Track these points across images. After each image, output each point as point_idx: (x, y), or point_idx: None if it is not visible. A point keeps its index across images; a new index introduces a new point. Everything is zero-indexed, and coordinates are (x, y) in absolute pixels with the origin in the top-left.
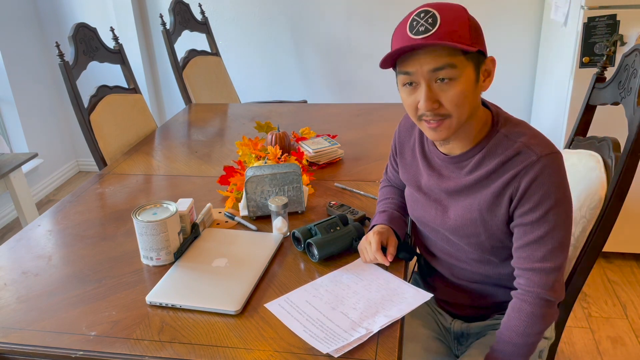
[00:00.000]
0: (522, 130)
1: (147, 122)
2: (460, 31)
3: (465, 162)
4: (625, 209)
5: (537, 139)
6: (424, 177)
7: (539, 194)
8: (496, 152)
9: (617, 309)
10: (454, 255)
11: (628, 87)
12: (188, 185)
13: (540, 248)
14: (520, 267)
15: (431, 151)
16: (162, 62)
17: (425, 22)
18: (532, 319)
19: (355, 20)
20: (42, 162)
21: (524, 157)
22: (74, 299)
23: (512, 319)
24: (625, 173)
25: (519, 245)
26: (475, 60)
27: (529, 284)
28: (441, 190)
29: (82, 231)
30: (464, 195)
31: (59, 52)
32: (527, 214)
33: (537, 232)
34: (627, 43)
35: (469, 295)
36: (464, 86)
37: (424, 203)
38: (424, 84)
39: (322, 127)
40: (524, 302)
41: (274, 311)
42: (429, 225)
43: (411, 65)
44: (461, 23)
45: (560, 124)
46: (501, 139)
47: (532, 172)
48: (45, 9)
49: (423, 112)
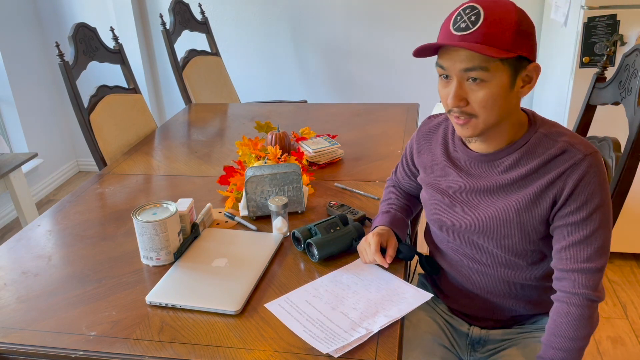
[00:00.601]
0: (561, 130)
1: (147, 122)
2: (501, 34)
3: (499, 161)
4: (626, 209)
5: (578, 138)
6: (450, 178)
7: (585, 193)
8: (536, 152)
9: (617, 309)
10: (478, 259)
11: (628, 87)
12: (188, 185)
13: (586, 248)
14: (564, 269)
15: (458, 150)
16: (162, 62)
17: (468, 19)
18: (581, 322)
19: (355, 20)
20: (42, 162)
21: (570, 155)
22: (74, 299)
23: (560, 325)
24: (626, 173)
25: (563, 246)
26: (513, 65)
27: (574, 286)
28: (471, 190)
29: (82, 231)
30: (498, 195)
31: (59, 52)
32: (573, 214)
33: (583, 231)
34: (627, 43)
35: (487, 307)
36: (494, 90)
37: (448, 206)
38: (455, 80)
39: (322, 127)
40: (571, 306)
41: (274, 311)
42: (454, 229)
43: (446, 59)
44: (505, 26)
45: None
46: (541, 138)
47: (579, 171)
48: (45, 9)
49: (451, 107)
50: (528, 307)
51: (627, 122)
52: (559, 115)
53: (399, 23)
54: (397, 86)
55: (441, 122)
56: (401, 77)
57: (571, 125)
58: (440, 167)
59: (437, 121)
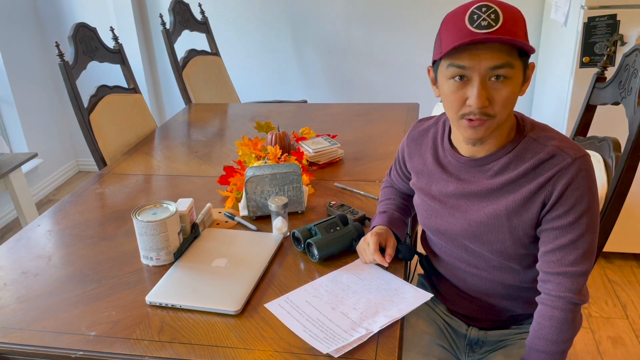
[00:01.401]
0: (550, 134)
1: (147, 122)
2: (520, 32)
3: (489, 166)
4: (626, 209)
5: (567, 141)
6: (440, 183)
7: (573, 198)
8: (525, 156)
9: (617, 309)
10: (473, 263)
11: (628, 87)
12: (188, 185)
13: (572, 252)
14: (549, 272)
15: (447, 155)
16: (162, 62)
17: (487, 16)
18: (564, 325)
19: (355, 20)
20: (42, 162)
21: (559, 159)
22: (74, 299)
23: (543, 328)
24: (626, 173)
25: (549, 249)
26: (525, 63)
27: (559, 289)
28: (461, 195)
29: (82, 231)
30: (488, 199)
31: (59, 52)
32: (560, 218)
33: (570, 235)
34: (627, 43)
35: (485, 309)
36: (514, 87)
37: (440, 211)
38: (477, 80)
39: (322, 127)
40: (554, 309)
41: (274, 311)
42: (446, 234)
43: (468, 59)
44: (520, 23)
45: (561, 124)
46: (530, 143)
47: (568, 175)
48: (45, 9)
49: (472, 109)
50: (525, 307)
51: (627, 122)
52: (559, 115)
53: (399, 23)
54: (397, 86)
55: (431, 125)
56: (401, 77)
57: (571, 125)
58: (431, 171)
59: (427, 125)
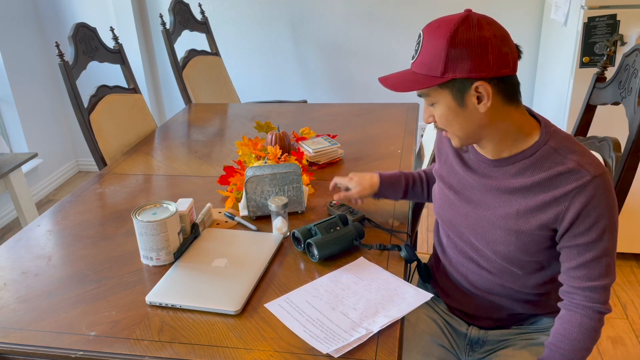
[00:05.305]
0: (572, 147)
1: (147, 122)
2: (431, 62)
3: (506, 168)
4: (626, 209)
5: (588, 156)
6: (459, 174)
7: (594, 215)
8: (543, 165)
9: (617, 309)
10: (476, 260)
11: (628, 87)
12: (188, 185)
13: (597, 267)
14: (576, 286)
15: (470, 151)
16: (162, 62)
17: (416, 46)
18: (591, 333)
19: (355, 20)
20: (41, 162)
21: (578, 176)
22: (74, 299)
23: (571, 333)
24: (626, 173)
25: (573, 265)
26: (451, 88)
27: (589, 300)
28: (476, 187)
29: (82, 231)
30: (501, 198)
31: (59, 52)
32: (582, 235)
33: (593, 252)
34: (627, 43)
35: (485, 306)
36: (443, 110)
37: (453, 202)
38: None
39: (322, 127)
40: (584, 317)
41: (274, 311)
42: (455, 226)
43: None
44: (435, 52)
45: (561, 124)
46: (549, 152)
47: (587, 193)
48: (45, 9)
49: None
50: (526, 307)
51: (627, 122)
52: (559, 115)
53: (399, 23)
54: None
55: None
56: None
57: (571, 125)
58: (452, 163)
59: None
